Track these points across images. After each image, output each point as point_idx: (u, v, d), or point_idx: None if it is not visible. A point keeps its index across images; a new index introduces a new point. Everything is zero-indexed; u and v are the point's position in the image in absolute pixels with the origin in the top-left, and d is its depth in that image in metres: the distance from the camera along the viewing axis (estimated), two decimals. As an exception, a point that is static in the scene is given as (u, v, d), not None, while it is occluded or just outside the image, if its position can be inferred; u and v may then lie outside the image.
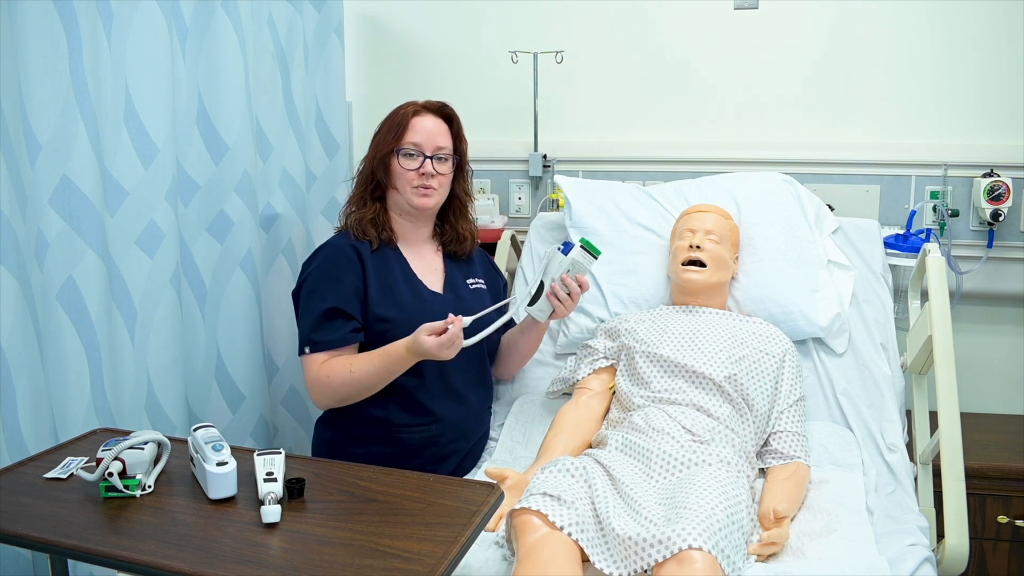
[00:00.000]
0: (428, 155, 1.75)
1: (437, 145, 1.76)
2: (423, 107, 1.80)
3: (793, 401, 1.77)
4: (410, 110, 1.78)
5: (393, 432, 1.74)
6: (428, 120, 1.77)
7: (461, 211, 1.88)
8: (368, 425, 1.74)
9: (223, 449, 1.26)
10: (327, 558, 1.10)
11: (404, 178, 1.76)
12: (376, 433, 1.74)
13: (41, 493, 1.26)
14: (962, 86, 2.32)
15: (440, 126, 1.78)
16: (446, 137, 1.79)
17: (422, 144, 1.75)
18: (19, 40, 1.39)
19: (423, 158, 1.74)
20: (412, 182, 1.75)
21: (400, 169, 1.75)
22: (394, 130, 1.77)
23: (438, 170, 1.76)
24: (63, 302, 1.49)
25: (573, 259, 1.68)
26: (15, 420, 1.40)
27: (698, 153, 2.46)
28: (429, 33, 2.61)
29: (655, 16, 2.47)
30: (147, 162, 1.65)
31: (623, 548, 1.32)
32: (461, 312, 1.61)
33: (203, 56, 1.80)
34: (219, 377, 1.90)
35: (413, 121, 1.76)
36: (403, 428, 1.74)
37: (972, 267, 2.32)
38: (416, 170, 1.74)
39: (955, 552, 1.54)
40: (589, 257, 1.69)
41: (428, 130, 1.76)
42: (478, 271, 1.92)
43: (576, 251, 1.68)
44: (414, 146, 1.75)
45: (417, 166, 1.74)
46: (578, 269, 1.69)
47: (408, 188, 1.76)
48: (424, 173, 1.74)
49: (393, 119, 1.79)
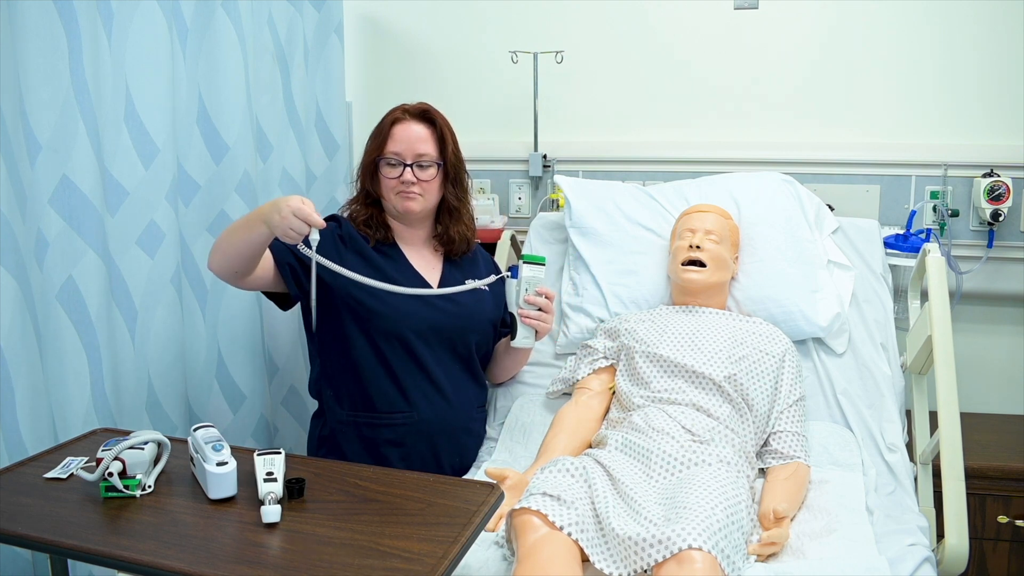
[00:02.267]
0: (408, 163, 1.76)
1: (417, 152, 1.77)
2: (405, 112, 1.80)
3: (793, 401, 1.77)
4: (390, 119, 1.80)
5: (374, 419, 1.76)
6: (409, 127, 1.78)
7: (451, 215, 1.87)
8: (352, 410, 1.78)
9: (223, 449, 1.26)
10: (327, 558, 1.10)
11: (387, 185, 1.79)
12: (361, 419, 1.77)
13: (41, 493, 1.26)
14: (962, 86, 2.32)
15: (423, 132, 1.79)
16: (427, 143, 1.78)
17: (402, 153, 1.76)
18: (19, 40, 1.39)
19: (403, 166, 1.76)
20: (394, 189, 1.78)
21: (383, 177, 1.79)
22: (377, 139, 1.80)
23: (419, 177, 1.77)
24: (63, 302, 1.49)
25: (525, 278, 1.73)
26: (14, 420, 1.40)
27: (698, 153, 2.46)
28: (429, 33, 2.61)
29: (655, 16, 2.47)
30: (147, 162, 1.65)
31: (623, 548, 1.32)
32: (452, 307, 1.64)
33: (203, 56, 1.80)
34: (219, 377, 1.90)
35: (394, 130, 1.78)
36: (383, 415, 1.76)
37: (972, 267, 2.32)
38: (397, 178, 1.77)
39: (955, 552, 1.54)
40: (537, 267, 1.74)
41: (408, 138, 1.77)
42: (481, 272, 1.91)
43: (524, 269, 1.73)
44: (395, 155, 1.77)
45: (398, 174, 1.77)
46: (534, 283, 1.74)
47: (391, 194, 1.79)
48: (404, 180, 1.76)
49: (379, 125, 1.81)
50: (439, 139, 1.80)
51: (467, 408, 1.86)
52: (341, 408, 1.79)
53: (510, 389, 2.06)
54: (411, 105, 1.83)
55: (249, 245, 1.57)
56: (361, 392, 1.77)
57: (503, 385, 2.07)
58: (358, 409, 1.78)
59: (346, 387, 1.78)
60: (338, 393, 1.80)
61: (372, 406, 1.77)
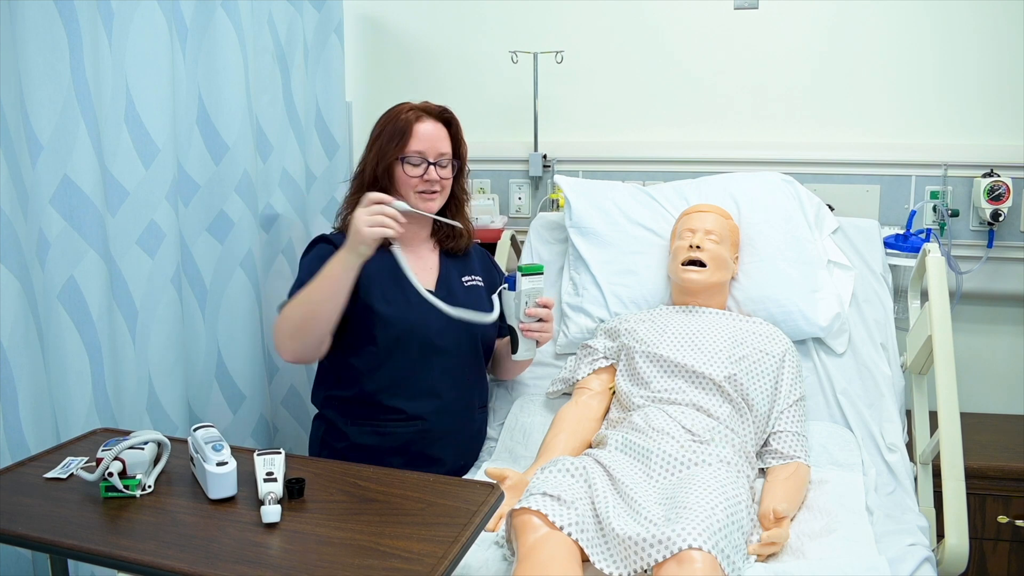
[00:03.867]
0: (432, 162, 1.76)
1: (439, 152, 1.77)
2: (423, 111, 1.80)
3: (793, 401, 1.77)
4: (412, 116, 1.77)
5: (377, 426, 1.75)
6: (429, 126, 1.77)
7: (458, 209, 1.88)
8: (357, 412, 1.76)
9: (223, 449, 1.26)
10: (327, 558, 1.10)
11: (408, 184, 1.76)
12: (364, 419, 1.76)
13: (41, 493, 1.26)
14: (962, 86, 2.32)
15: (441, 131, 1.79)
16: (446, 142, 1.79)
17: (425, 152, 1.75)
18: (19, 40, 1.39)
19: (427, 165, 1.76)
20: (416, 188, 1.76)
21: (404, 176, 1.76)
22: (397, 137, 1.76)
23: (440, 175, 1.77)
24: (64, 302, 1.49)
25: (523, 290, 1.70)
26: (16, 419, 1.40)
27: (698, 153, 2.46)
28: (429, 33, 2.61)
29: (655, 16, 2.47)
30: (147, 162, 1.65)
31: (623, 548, 1.32)
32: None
33: (203, 56, 1.80)
34: (220, 377, 1.90)
35: (416, 128, 1.76)
36: (387, 422, 1.75)
37: (972, 267, 2.32)
38: (420, 177, 1.76)
39: (955, 552, 1.54)
40: (535, 278, 1.71)
41: (430, 137, 1.76)
42: (476, 268, 1.91)
43: (522, 281, 1.69)
44: (418, 154, 1.75)
45: (421, 173, 1.75)
46: (534, 294, 1.71)
47: (412, 193, 1.76)
48: (428, 180, 1.76)
49: (395, 125, 1.77)
50: (454, 138, 1.82)
51: (470, 410, 1.85)
52: (343, 415, 1.78)
53: (510, 389, 2.06)
54: (430, 105, 1.82)
55: (337, 295, 1.62)
56: (364, 397, 1.75)
57: (503, 386, 2.07)
58: (360, 416, 1.76)
59: (349, 390, 1.77)
60: (340, 397, 1.78)
61: (375, 412, 1.75)
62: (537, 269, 1.71)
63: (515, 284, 1.70)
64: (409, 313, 1.73)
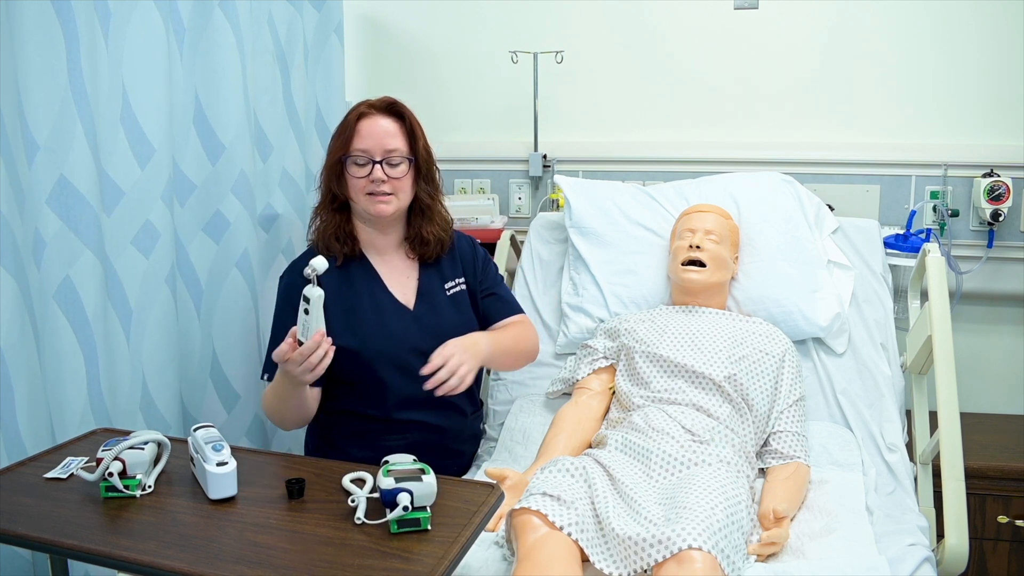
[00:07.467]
0: (377, 160, 1.62)
1: (386, 148, 1.63)
2: (371, 107, 1.67)
3: (793, 401, 1.77)
4: (355, 114, 1.66)
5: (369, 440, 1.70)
6: (376, 122, 1.64)
7: (424, 214, 1.72)
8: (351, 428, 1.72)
9: (223, 449, 1.26)
10: (327, 558, 1.09)
11: (356, 187, 1.64)
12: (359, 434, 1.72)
13: (41, 493, 1.26)
14: (962, 86, 2.32)
15: (390, 126, 1.65)
16: (397, 138, 1.64)
17: (370, 149, 1.62)
18: (17, 39, 1.39)
19: (372, 164, 1.62)
20: (364, 190, 1.63)
21: (351, 178, 1.64)
22: (341, 136, 1.65)
23: (390, 174, 1.63)
24: (60, 302, 1.49)
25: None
26: (14, 420, 1.40)
27: (698, 153, 2.46)
28: (429, 33, 2.61)
29: (655, 16, 2.47)
30: (143, 162, 1.65)
31: (623, 548, 1.32)
32: (432, 325, 1.64)
33: (200, 56, 1.80)
34: (214, 377, 1.89)
35: (359, 125, 1.64)
36: (380, 435, 1.70)
37: (972, 267, 2.32)
38: (366, 177, 1.63)
39: (955, 552, 1.54)
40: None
41: (376, 133, 1.63)
42: (458, 269, 1.79)
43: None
44: (362, 152, 1.62)
45: (367, 173, 1.62)
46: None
47: (362, 196, 1.64)
48: (374, 179, 1.62)
49: (343, 123, 1.67)
50: (408, 133, 1.67)
51: (460, 419, 1.80)
52: (335, 433, 1.74)
53: (510, 389, 2.06)
54: (376, 100, 1.68)
55: (298, 397, 1.60)
56: (350, 414, 1.71)
57: (503, 386, 2.07)
58: (352, 432, 1.72)
59: (341, 406, 1.72)
60: (328, 410, 1.72)
61: (366, 426, 1.70)
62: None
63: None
64: (394, 330, 1.67)
